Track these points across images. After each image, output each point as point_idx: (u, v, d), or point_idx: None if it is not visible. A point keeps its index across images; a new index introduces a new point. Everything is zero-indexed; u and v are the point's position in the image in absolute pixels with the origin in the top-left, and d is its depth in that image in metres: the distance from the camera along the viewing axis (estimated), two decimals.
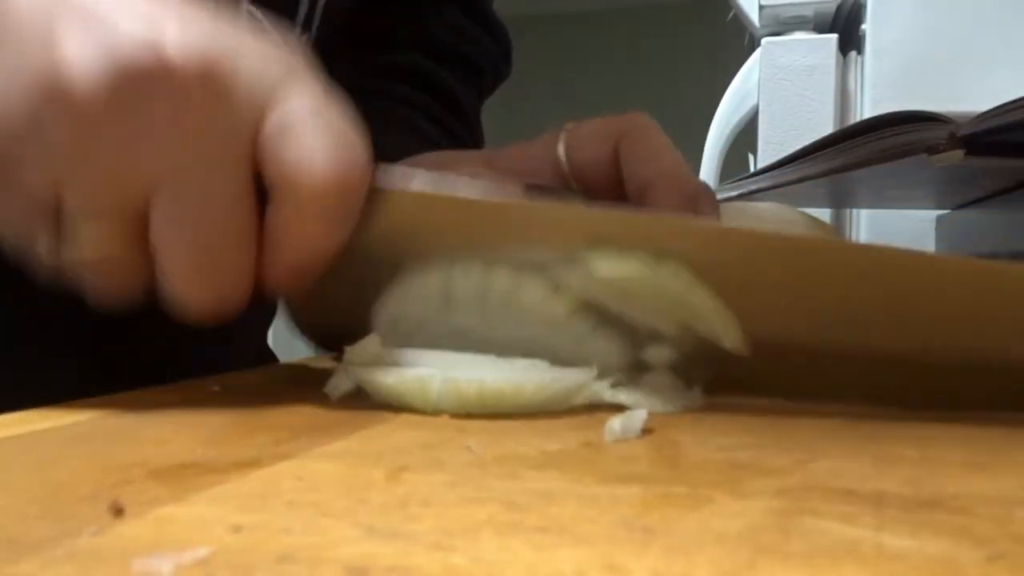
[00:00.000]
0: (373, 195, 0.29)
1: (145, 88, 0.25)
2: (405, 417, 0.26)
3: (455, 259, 0.29)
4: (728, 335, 0.28)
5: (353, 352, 0.28)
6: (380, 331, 0.30)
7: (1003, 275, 0.26)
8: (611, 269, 0.27)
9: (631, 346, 0.29)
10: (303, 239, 0.28)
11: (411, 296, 0.30)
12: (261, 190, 0.27)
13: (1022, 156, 0.42)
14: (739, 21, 1.01)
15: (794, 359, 0.28)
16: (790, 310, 0.28)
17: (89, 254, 0.27)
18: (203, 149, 0.26)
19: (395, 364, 0.28)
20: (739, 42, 1.05)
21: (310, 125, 0.27)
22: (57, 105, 0.25)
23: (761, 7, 0.94)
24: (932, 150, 0.41)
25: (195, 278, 0.27)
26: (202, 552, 0.14)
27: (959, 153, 0.41)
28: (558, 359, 0.28)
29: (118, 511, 0.16)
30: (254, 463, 0.20)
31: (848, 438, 0.23)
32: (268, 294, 0.29)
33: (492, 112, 0.65)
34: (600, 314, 0.29)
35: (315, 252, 0.28)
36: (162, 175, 0.26)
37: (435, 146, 0.51)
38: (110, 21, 0.25)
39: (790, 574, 0.13)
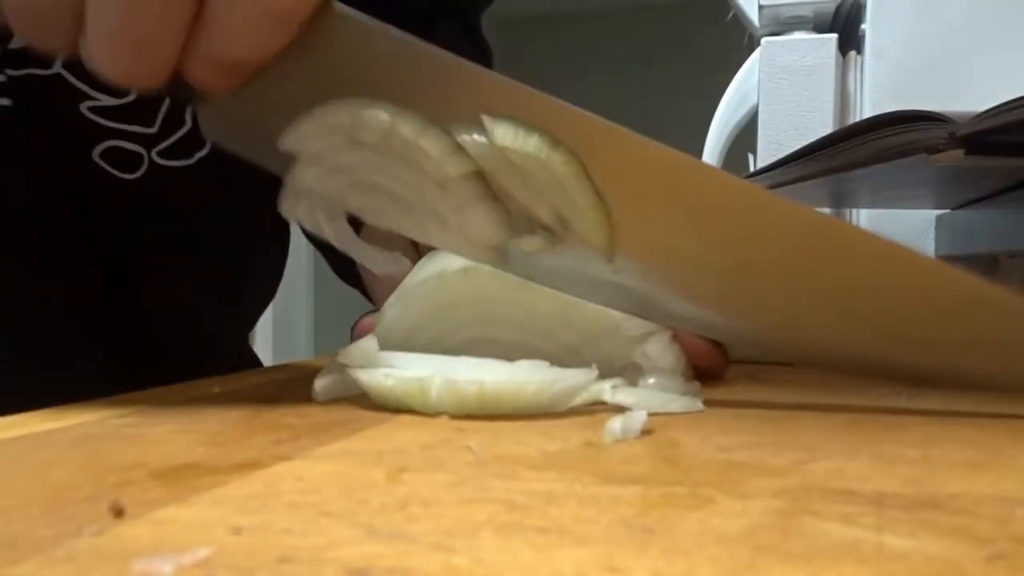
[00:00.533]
0: (321, 12, 0.28)
1: None
2: (405, 418, 0.26)
3: (369, 100, 0.29)
4: (597, 235, 0.28)
5: (349, 354, 0.28)
6: (284, 150, 0.29)
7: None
8: (511, 139, 0.28)
9: (508, 230, 0.29)
10: (240, 33, 0.27)
11: (319, 124, 0.29)
12: None
13: (1022, 156, 0.42)
14: (739, 21, 1.01)
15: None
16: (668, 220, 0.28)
17: None
18: None
19: (394, 365, 0.28)
20: (739, 42, 1.05)
21: None
22: None
23: (761, 7, 0.94)
24: (932, 150, 0.41)
25: (119, 35, 0.27)
26: (202, 553, 0.14)
27: (959, 153, 0.41)
28: (435, 219, 0.29)
29: (118, 512, 0.16)
30: (254, 464, 0.20)
31: (848, 438, 0.23)
32: (192, 82, 0.28)
33: None
34: (487, 189, 0.29)
35: (248, 49, 0.27)
36: None
37: None
38: None
39: (790, 574, 0.13)
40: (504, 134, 0.28)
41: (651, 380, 0.29)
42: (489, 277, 0.31)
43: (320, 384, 0.28)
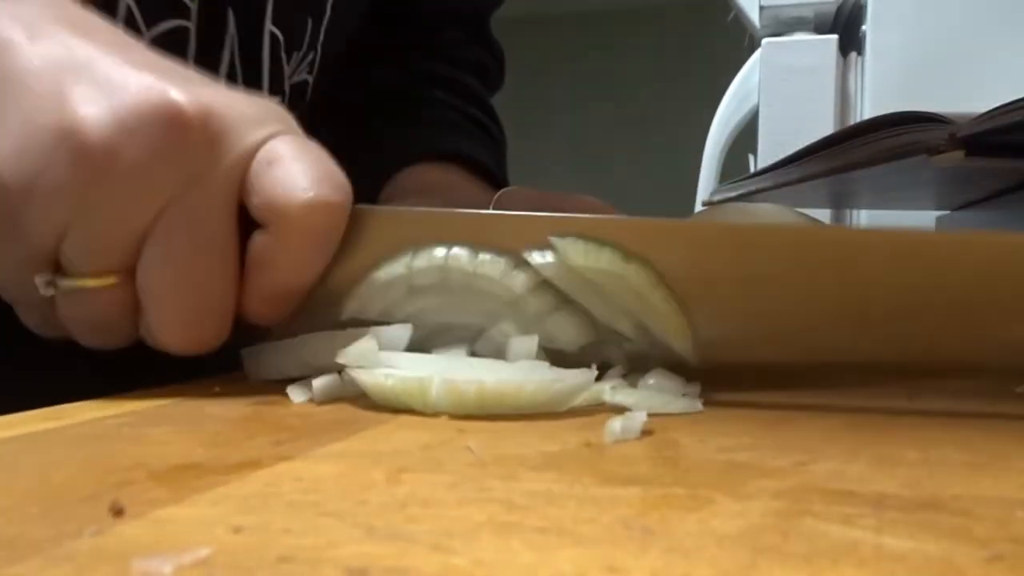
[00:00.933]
0: (352, 218, 0.30)
1: (153, 129, 0.26)
2: (404, 418, 0.26)
3: (417, 250, 0.30)
4: (679, 339, 0.29)
5: (348, 355, 0.28)
6: (343, 326, 0.30)
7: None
8: (582, 257, 0.29)
9: (592, 329, 0.30)
10: (289, 262, 0.29)
11: (375, 288, 0.30)
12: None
13: (1022, 157, 0.42)
14: (739, 22, 1.01)
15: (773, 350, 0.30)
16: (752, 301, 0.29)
17: (82, 302, 0.29)
18: (200, 187, 0.28)
19: (393, 366, 0.28)
20: (739, 43, 1.05)
21: (293, 157, 0.29)
22: (70, 148, 0.26)
23: (761, 8, 0.94)
24: (932, 151, 0.41)
25: (178, 314, 0.29)
26: (202, 553, 0.14)
27: (959, 154, 0.41)
28: (522, 333, 0.30)
29: (118, 512, 0.16)
30: (254, 464, 0.20)
31: (848, 439, 0.23)
32: (248, 322, 0.30)
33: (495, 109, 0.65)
34: (559, 295, 0.30)
35: (300, 275, 0.30)
36: (161, 215, 0.27)
37: (474, 140, 0.55)
38: (117, 77, 0.27)
39: (790, 575, 0.13)
40: (575, 253, 0.29)
41: (651, 381, 0.29)
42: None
43: (319, 384, 0.28)
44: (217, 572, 0.13)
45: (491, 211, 0.32)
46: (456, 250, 0.30)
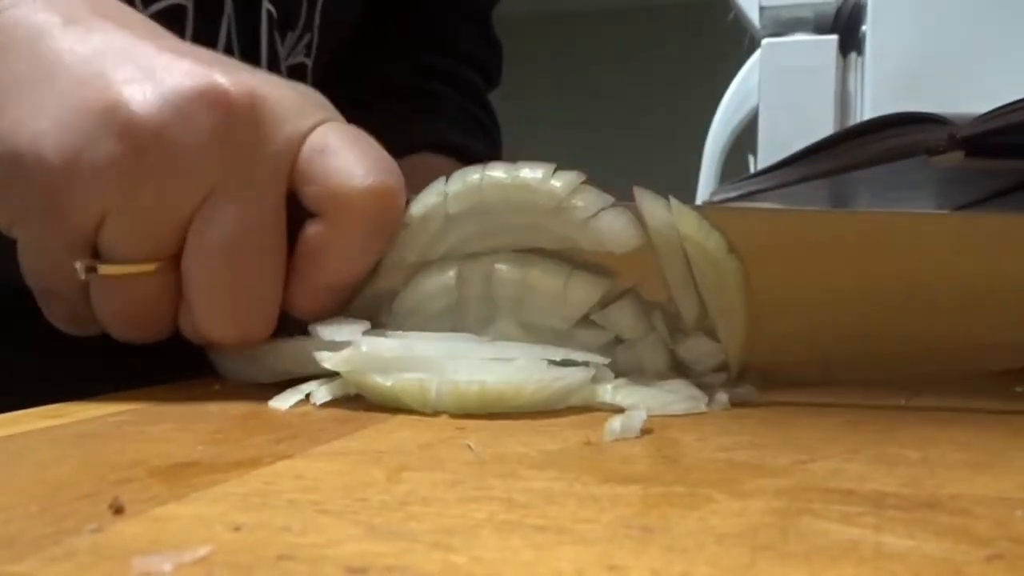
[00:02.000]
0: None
1: (199, 110, 0.26)
2: (405, 416, 0.26)
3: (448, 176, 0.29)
4: (735, 347, 0.29)
5: (346, 358, 0.27)
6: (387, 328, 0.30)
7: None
8: (695, 229, 0.28)
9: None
10: (345, 252, 0.28)
11: (412, 226, 0.29)
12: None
13: (1022, 158, 0.42)
14: (739, 22, 1.01)
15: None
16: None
17: (120, 291, 0.28)
18: (247, 172, 0.27)
19: (392, 366, 0.27)
20: (739, 43, 1.05)
21: (346, 144, 0.28)
22: (116, 124, 0.26)
23: (761, 8, 0.94)
24: (932, 151, 0.41)
25: (225, 305, 0.28)
26: (202, 551, 0.14)
27: (959, 154, 0.41)
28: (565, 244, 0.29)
29: (118, 509, 0.16)
30: (254, 462, 0.20)
31: (848, 438, 0.23)
32: (296, 317, 0.30)
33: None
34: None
35: (354, 266, 0.29)
36: (205, 200, 0.27)
37: (472, 134, 0.55)
38: (160, 62, 0.27)
39: (789, 574, 0.13)
40: (690, 223, 0.28)
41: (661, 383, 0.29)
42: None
43: (316, 390, 0.28)
44: (217, 570, 0.13)
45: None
46: (491, 168, 0.29)
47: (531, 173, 0.28)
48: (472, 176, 0.29)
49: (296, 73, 0.47)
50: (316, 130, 0.28)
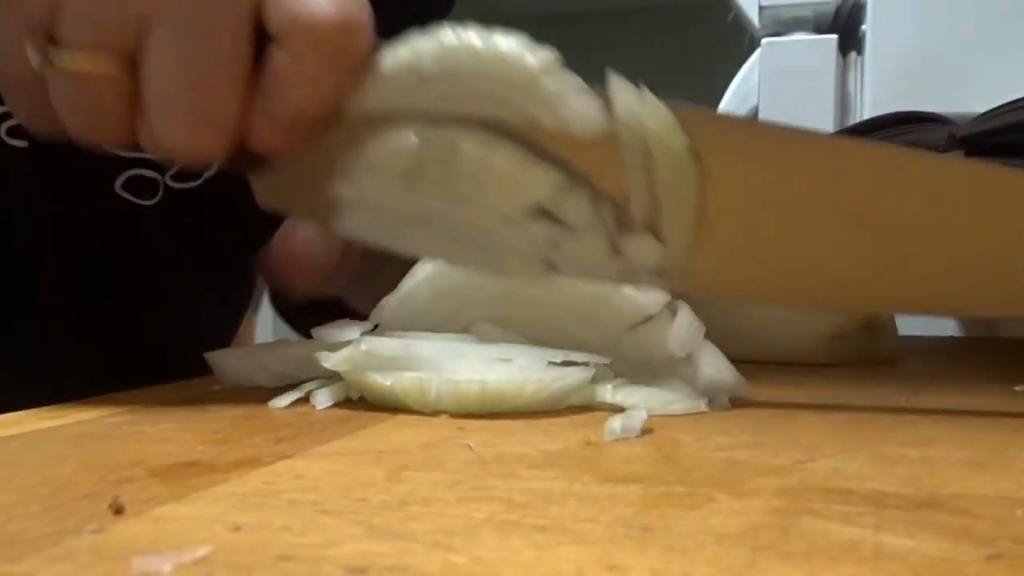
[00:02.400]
0: (369, 57, 0.28)
1: None
2: (405, 416, 0.26)
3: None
4: (680, 239, 0.28)
5: (345, 357, 0.27)
6: (339, 205, 0.29)
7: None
8: (660, 123, 0.27)
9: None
10: (306, 84, 0.27)
11: (380, 77, 0.28)
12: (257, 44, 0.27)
13: (1021, 157, 0.42)
14: (739, 22, 1.01)
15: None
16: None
17: (78, 86, 0.27)
18: None
19: (391, 365, 0.28)
20: (739, 43, 1.05)
21: None
22: None
23: (761, 8, 0.94)
24: (932, 151, 0.41)
25: (182, 110, 0.27)
26: (202, 551, 0.14)
27: (959, 154, 0.41)
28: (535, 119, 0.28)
29: (118, 509, 0.16)
30: (254, 462, 0.20)
31: (848, 437, 0.23)
32: (255, 149, 0.28)
33: None
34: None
35: (315, 100, 0.28)
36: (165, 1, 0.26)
37: None
38: None
39: (789, 574, 0.13)
40: (658, 118, 0.27)
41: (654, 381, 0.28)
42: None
43: (320, 395, 0.28)
44: (217, 570, 0.13)
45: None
46: (467, 32, 0.28)
47: (506, 45, 0.27)
48: (448, 38, 0.28)
49: None
50: None
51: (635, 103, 0.27)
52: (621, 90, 0.27)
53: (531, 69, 0.27)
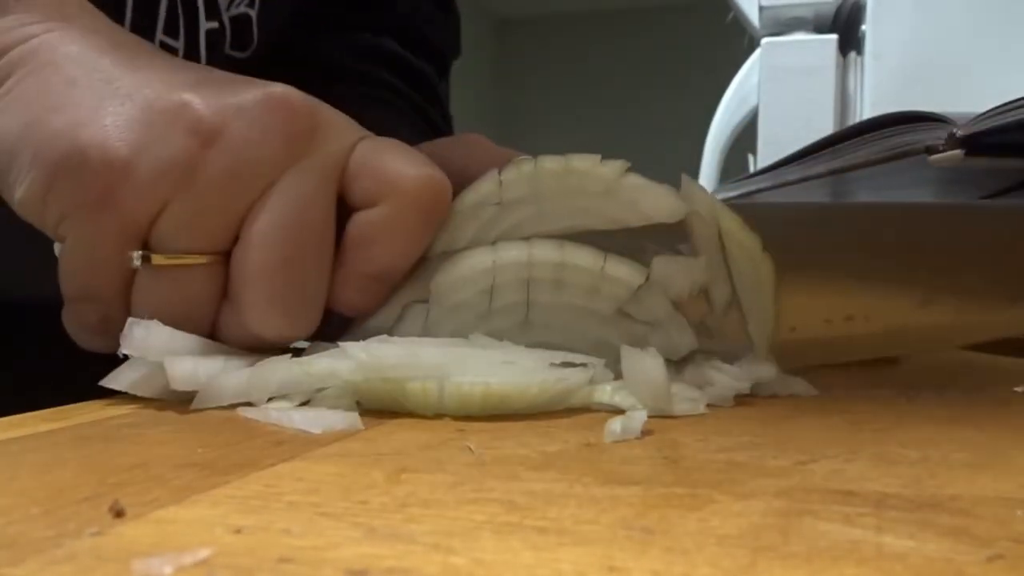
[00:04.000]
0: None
1: (263, 112, 0.28)
2: (405, 418, 0.26)
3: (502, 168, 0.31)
4: (760, 338, 0.31)
5: (347, 367, 0.27)
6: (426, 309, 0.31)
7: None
8: (738, 227, 0.30)
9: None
10: (396, 239, 0.29)
11: (465, 211, 0.30)
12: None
13: (1021, 156, 0.42)
14: (739, 22, 1.01)
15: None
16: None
17: (168, 285, 0.28)
18: (304, 168, 0.28)
19: (395, 373, 0.27)
20: (739, 43, 1.05)
21: (395, 148, 0.30)
22: (183, 124, 0.27)
23: (761, 8, 0.94)
24: (931, 150, 0.41)
25: (276, 297, 0.28)
26: (202, 553, 0.14)
27: (958, 154, 0.41)
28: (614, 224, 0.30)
29: (118, 512, 0.16)
30: (254, 464, 0.20)
31: (848, 438, 0.23)
32: (341, 310, 0.30)
33: (494, 111, 0.65)
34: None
35: (405, 253, 0.30)
36: (263, 196, 0.28)
37: (420, 133, 0.53)
38: (218, 74, 0.30)
39: (790, 575, 0.13)
40: (732, 218, 0.30)
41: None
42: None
43: (321, 406, 0.28)
44: (217, 573, 0.13)
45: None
46: (543, 158, 0.30)
47: (581, 162, 0.30)
48: (525, 165, 0.30)
49: (240, 23, 0.46)
50: (364, 139, 0.30)
51: (708, 201, 0.30)
52: (694, 188, 0.30)
53: (608, 176, 0.30)
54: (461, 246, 0.30)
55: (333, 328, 0.30)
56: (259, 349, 0.29)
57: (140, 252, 0.28)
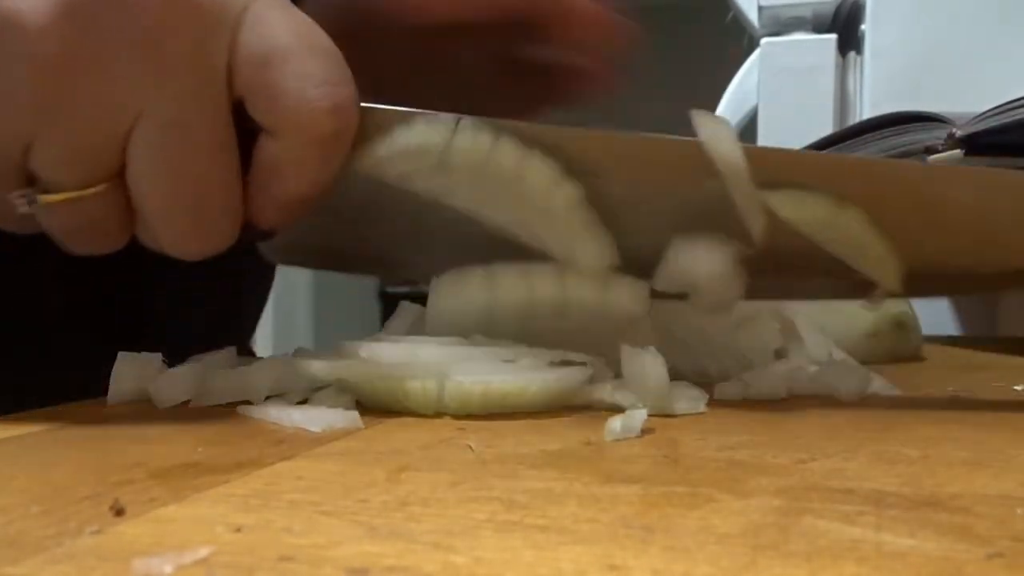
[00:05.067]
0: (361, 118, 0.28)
1: (99, 10, 0.24)
2: (405, 417, 0.26)
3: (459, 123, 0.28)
4: (890, 275, 0.29)
5: (344, 366, 0.27)
6: (364, 173, 0.29)
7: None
8: (795, 211, 0.28)
9: (612, 258, 0.29)
10: (300, 173, 0.27)
11: (402, 151, 0.28)
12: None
13: (1020, 156, 0.42)
14: (738, 22, 1.01)
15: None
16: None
17: (69, 213, 0.26)
18: (178, 74, 0.25)
19: (395, 372, 0.27)
20: (739, 43, 1.05)
21: (295, 50, 0.26)
22: (14, 48, 0.23)
23: (760, 8, 0.94)
24: (931, 150, 0.41)
25: (178, 210, 0.26)
26: (203, 552, 0.14)
27: (958, 153, 0.41)
28: (543, 250, 0.29)
29: (119, 511, 0.16)
30: (255, 463, 0.20)
31: (848, 436, 0.23)
32: (256, 229, 0.28)
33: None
34: (592, 216, 0.29)
35: (311, 184, 0.27)
36: (138, 112, 0.25)
37: None
38: None
39: (790, 573, 0.13)
40: (784, 205, 0.28)
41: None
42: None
43: (320, 407, 0.28)
44: (217, 571, 0.13)
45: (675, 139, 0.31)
46: (505, 141, 0.28)
47: (537, 177, 0.28)
48: (482, 139, 0.28)
49: None
50: (247, 13, 0.26)
51: (797, 209, 0.29)
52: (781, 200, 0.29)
53: (555, 204, 0.28)
54: (386, 177, 0.28)
55: (255, 236, 0.29)
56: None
57: (21, 194, 0.25)
